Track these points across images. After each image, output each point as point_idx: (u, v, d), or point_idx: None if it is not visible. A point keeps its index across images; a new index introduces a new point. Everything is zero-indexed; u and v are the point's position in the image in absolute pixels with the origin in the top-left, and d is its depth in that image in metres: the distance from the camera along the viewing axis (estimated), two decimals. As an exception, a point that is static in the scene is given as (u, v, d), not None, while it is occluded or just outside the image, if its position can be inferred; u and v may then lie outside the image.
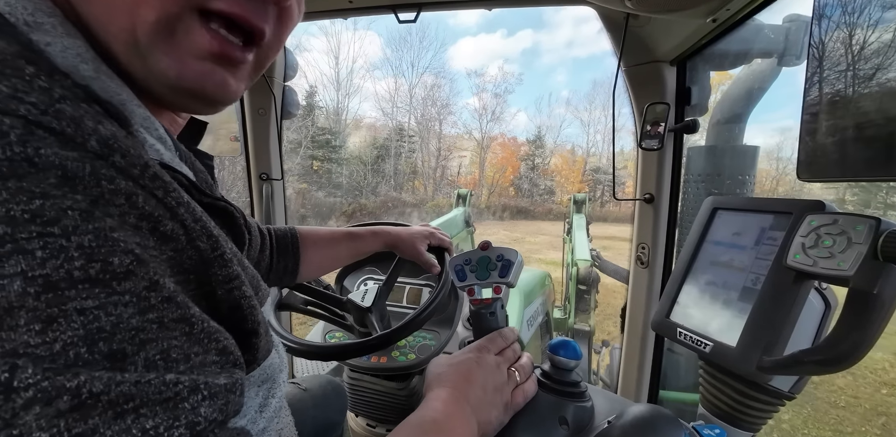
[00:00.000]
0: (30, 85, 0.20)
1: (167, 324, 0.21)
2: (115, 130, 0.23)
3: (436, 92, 25.85)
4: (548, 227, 17.20)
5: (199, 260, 0.25)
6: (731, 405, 0.48)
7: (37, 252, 0.18)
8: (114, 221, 0.21)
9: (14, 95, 0.19)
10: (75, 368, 0.18)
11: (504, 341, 0.55)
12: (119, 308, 0.19)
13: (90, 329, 0.18)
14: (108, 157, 0.22)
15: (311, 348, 0.76)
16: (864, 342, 0.35)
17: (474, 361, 0.49)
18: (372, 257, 1.17)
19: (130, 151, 0.23)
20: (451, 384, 0.45)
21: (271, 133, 1.36)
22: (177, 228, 0.24)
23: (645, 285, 1.16)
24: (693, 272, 0.54)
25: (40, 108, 0.20)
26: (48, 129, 0.20)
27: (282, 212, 1.47)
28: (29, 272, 0.17)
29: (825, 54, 0.39)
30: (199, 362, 0.23)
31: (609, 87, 1.12)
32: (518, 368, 0.52)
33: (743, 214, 0.51)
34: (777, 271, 0.43)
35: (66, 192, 0.19)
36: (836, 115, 0.38)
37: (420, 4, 1.03)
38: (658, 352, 1.19)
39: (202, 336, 0.23)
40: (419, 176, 24.78)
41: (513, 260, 0.58)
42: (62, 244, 0.18)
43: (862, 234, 0.35)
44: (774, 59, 1.07)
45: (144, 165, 0.23)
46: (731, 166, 1.20)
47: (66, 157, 0.20)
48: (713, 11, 0.77)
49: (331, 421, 0.89)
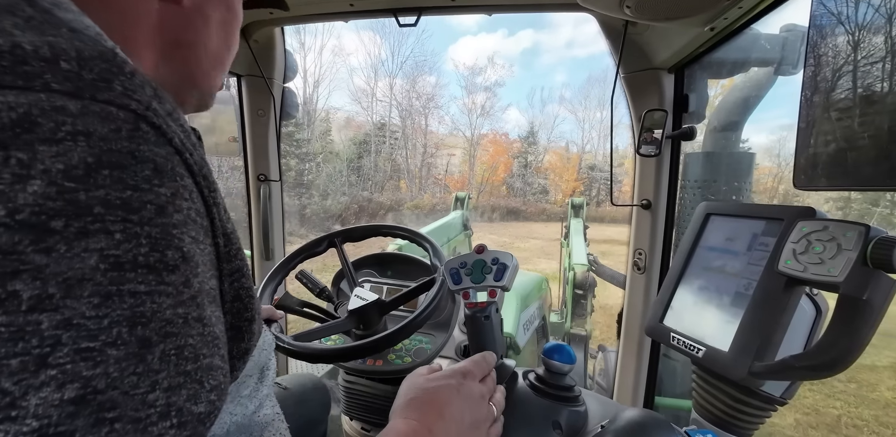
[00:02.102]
0: (132, 82, 0.23)
1: (189, 321, 0.23)
2: (185, 126, 0.25)
3: (419, 82, 23.47)
4: (540, 229, 15.66)
5: (216, 255, 0.27)
6: (723, 409, 0.48)
7: (116, 235, 0.20)
8: (181, 215, 0.23)
9: (125, 92, 0.22)
10: (107, 350, 0.19)
11: (487, 366, 0.49)
12: (161, 297, 0.21)
13: (136, 312, 0.20)
14: (184, 153, 0.24)
15: (307, 351, 0.75)
16: (854, 348, 0.35)
17: (455, 389, 0.42)
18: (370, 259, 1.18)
19: (196, 150, 0.25)
20: (420, 415, 0.39)
21: (270, 134, 1.36)
22: (209, 225, 0.26)
23: (642, 291, 1.16)
24: (686, 277, 0.54)
25: (144, 104, 0.22)
26: (150, 123, 0.22)
27: (279, 213, 1.47)
28: (105, 251, 0.19)
29: (821, 64, 0.39)
30: (206, 366, 0.23)
31: (604, 82, 1.12)
32: (496, 403, 0.46)
33: (735, 220, 0.51)
34: (769, 277, 0.43)
35: (154, 185, 0.21)
36: (832, 124, 0.38)
37: (420, 8, 1.03)
38: (654, 357, 1.19)
39: (210, 339, 0.24)
40: (401, 175, 22.40)
41: (508, 264, 0.58)
42: (136, 231, 0.20)
43: (852, 240, 0.36)
44: (771, 67, 1.08)
45: (202, 164, 0.26)
46: (728, 173, 1.21)
47: (157, 153, 0.22)
48: (711, 20, 0.78)
49: (314, 418, 0.89)
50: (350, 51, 27.65)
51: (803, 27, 0.99)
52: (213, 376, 0.24)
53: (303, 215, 16.27)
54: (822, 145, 0.39)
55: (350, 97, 23.46)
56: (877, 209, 9.40)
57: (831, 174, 0.38)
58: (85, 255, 0.18)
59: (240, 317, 0.30)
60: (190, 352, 0.22)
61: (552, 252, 3.88)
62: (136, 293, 0.20)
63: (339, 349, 0.75)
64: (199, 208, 0.25)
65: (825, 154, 0.38)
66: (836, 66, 0.38)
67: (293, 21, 1.16)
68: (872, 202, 9.44)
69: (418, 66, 23.99)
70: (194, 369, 0.23)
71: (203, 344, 0.23)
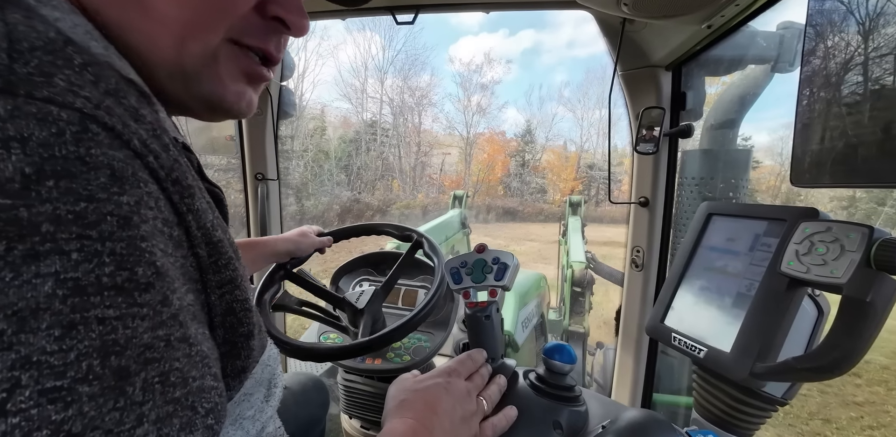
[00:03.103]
0: (81, 77, 0.20)
1: (172, 343, 0.21)
2: (152, 127, 0.23)
3: (412, 78, 22.17)
4: (538, 230, 14.85)
5: (196, 267, 0.25)
6: (724, 410, 0.48)
7: (73, 254, 0.17)
8: (148, 226, 0.21)
9: (70, 89, 0.19)
10: (78, 386, 0.17)
11: (473, 364, 0.51)
12: (136, 321, 0.19)
13: (106, 340, 0.18)
14: (146, 157, 0.22)
15: (306, 349, 0.75)
16: (857, 350, 0.35)
17: (443, 387, 0.45)
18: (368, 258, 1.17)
19: (162, 153, 0.23)
20: (415, 414, 0.41)
21: (267, 133, 1.35)
22: (181, 235, 0.24)
23: (639, 288, 1.16)
24: (687, 278, 0.54)
25: (93, 102, 0.20)
26: (101, 123, 0.20)
27: (277, 212, 1.46)
28: (62, 274, 0.17)
29: (818, 61, 0.39)
30: (196, 388, 0.22)
31: (602, 79, 1.12)
32: (486, 397, 0.48)
33: (737, 221, 0.51)
34: (771, 278, 0.43)
35: (112, 194, 0.19)
36: (829, 121, 0.38)
37: (418, 6, 1.03)
38: (652, 355, 1.19)
39: (198, 359, 0.22)
40: (393, 174, 21.02)
41: (509, 263, 0.58)
42: (97, 249, 0.18)
43: (855, 242, 0.35)
44: (768, 65, 1.08)
45: (171, 168, 0.23)
46: (725, 170, 1.21)
47: (113, 157, 0.20)
48: (708, 17, 0.78)
49: (313, 417, 0.90)
50: (337, 43, 26.01)
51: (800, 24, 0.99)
52: (205, 398, 0.22)
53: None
54: (819, 142, 0.39)
55: (338, 93, 22.37)
56: (883, 209, 9.44)
57: (829, 171, 0.38)
58: (37, 281, 0.16)
59: (234, 332, 0.28)
60: (177, 377, 0.20)
61: (550, 256, 3.62)
62: (105, 319, 0.18)
63: (339, 348, 0.75)
64: (167, 217, 0.22)
65: (823, 151, 0.38)
66: (834, 63, 0.38)
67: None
68: (879, 202, 9.47)
69: (410, 60, 22.84)
70: (184, 394, 0.21)
71: (191, 366, 0.21)
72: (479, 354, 0.54)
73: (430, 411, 0.41)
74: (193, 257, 0.25)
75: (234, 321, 0.28)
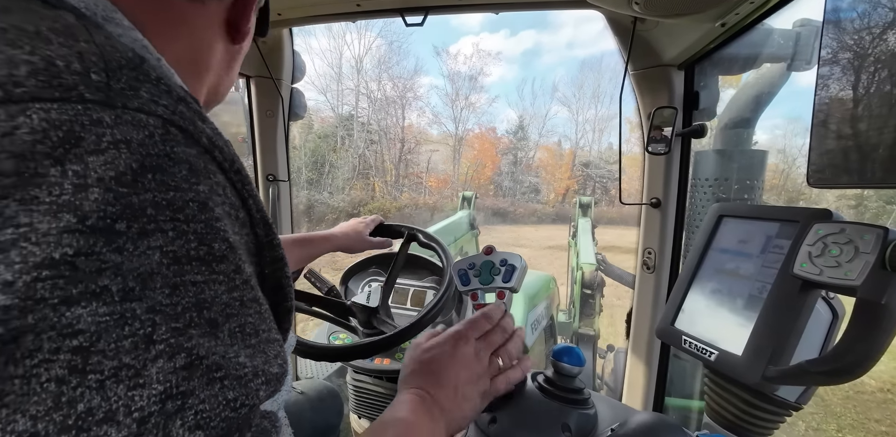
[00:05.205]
0: (157, 88, 0.24)
1: (245, 302, 0.25)
2: (213, 126, 0.27)
3: (394, 68, 20.20)
4: (530, 233, 13.44)
5: (256, 245, 0.29)
6: (736, 414, 0.47)
7: (169, 233, 0.22)
8: (220, 209, 0.25)
9: (152, 99, 0.24)
10: (189, 329, 0.21)
11: (489, 322, 0.51)
12: (216, 285, 0.23)
13: (200, 298, 0.22)
14: (213, 151, 0.26)
15: (317, 349, 0.76)
16: (872, 353, 0.34)
17: (448, 354, 0.46)
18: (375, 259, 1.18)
19: (224, 148, 0.27)
20: (419, 385, 0.44)
21: (278, 135, 1.37)
22: (245, 216, 0.28)
23: (651, 291, 1.15)
24: (698, 280, 0.53)
25: (170, 108, 0.24)
26: (177, 126, 0.24)
27: (288, 213, 1.48)
28: (164, 248, 0.21)
29: (836, 59, 0.38)
30: (266, 339, 0.26)
31: (598, 72, 1.08)
32: (502, 353, 0.50)
33: (749, 222, 0.50)
34: (783, 280, 0.42)
35: (192, 184, 0.23)
36: (847, 121, 0.37)
37: (427, 8, 1.03)
38: (664, 358, 1.17)
39: (266, 315, 0.27)
40: (372, 173, 19.14)
41: (517, 265, 0.58)
42: (184, 228, 0.22)
43: (870, 243, 0.35)
44: (784, 63, 1.06)
45: (232, 160, 0.27)
46: (740, 171, 1.19)
47: (189, 153, 0.24)
48: (722, 15, 0.76)
49: (328, 424, 0.91)
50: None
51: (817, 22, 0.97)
52: (272, 347, 0.27)
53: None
54: (836, 142, 0.38)
55: (307, 80, 20.96)
56: (893, 208, 9.17)
57: (848, 172, 0.37)
58: (149, 252, 0.21)
59: (278, 307, 0.31)
60: (251, 329, 0.25)
61: (542, 266, 3.27)
62: (196, 283, 0.22)
63: (348, 348, 0.76)
64: (233, 202, 0.27)
65: (841, 151, 0.37)
66: (852, 61, 0.37)
67: (301, 22, 1.16)
68: (888, 200, 9.21)
69: (389, 46, 20.65)
70: (258, 342, 0.25)
71: (261, 321, 0.26)
72: (496, 310, 0.52)
73: (435, 381, 0.44)
74: (253, 235, 0.29)
75: (281, 297, 0.32)
